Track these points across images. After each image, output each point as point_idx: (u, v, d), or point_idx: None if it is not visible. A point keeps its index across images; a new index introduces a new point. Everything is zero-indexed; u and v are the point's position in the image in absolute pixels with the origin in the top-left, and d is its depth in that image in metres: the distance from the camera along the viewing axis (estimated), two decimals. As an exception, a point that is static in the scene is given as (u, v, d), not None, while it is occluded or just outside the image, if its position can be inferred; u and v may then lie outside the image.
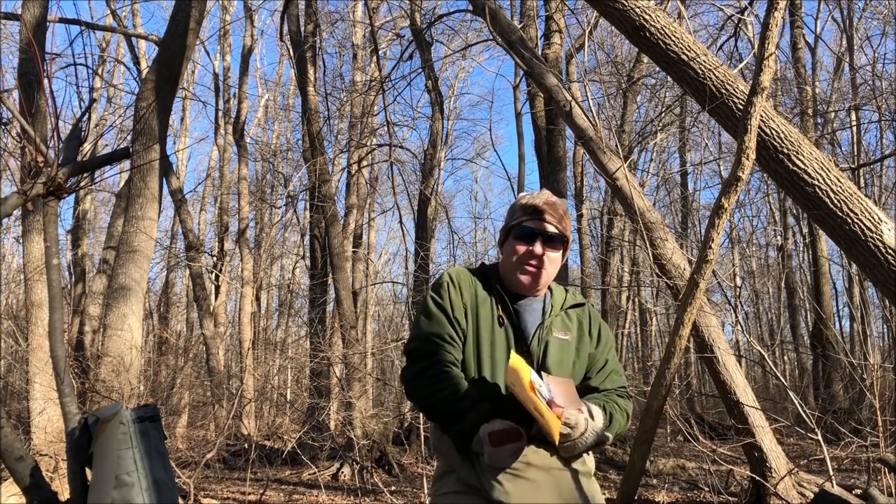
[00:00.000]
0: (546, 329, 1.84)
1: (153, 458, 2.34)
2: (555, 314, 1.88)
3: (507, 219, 1.97)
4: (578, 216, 16.25)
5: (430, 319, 1.83)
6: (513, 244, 1.89)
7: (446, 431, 1.73)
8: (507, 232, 1.94)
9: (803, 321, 19.94)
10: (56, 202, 2.69)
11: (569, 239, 1.94)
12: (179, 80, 8.21)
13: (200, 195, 21.31)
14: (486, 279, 1.90)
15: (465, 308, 1.84)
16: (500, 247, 1.99)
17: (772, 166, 4.45)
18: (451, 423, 1.70)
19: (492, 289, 1.88)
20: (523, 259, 1.86)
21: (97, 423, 2.38)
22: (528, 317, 1.86)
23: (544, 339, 1.84)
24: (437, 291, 1.87)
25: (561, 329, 1.87)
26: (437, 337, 1.80)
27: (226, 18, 19.53)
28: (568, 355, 1.86)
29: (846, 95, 16.23)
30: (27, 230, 6.95)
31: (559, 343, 1.85)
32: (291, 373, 17.76)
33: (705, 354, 6.62)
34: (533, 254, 1.85)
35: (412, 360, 1.81)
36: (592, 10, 7.41)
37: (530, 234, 1.86)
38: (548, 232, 1.86)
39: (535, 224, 1.87)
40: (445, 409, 1.71)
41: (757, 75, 3.39)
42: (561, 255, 1.90)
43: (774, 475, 6.20)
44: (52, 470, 5.44)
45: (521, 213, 1.90)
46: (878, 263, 4.08)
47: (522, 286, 1.87)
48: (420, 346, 1.81)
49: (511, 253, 1.89)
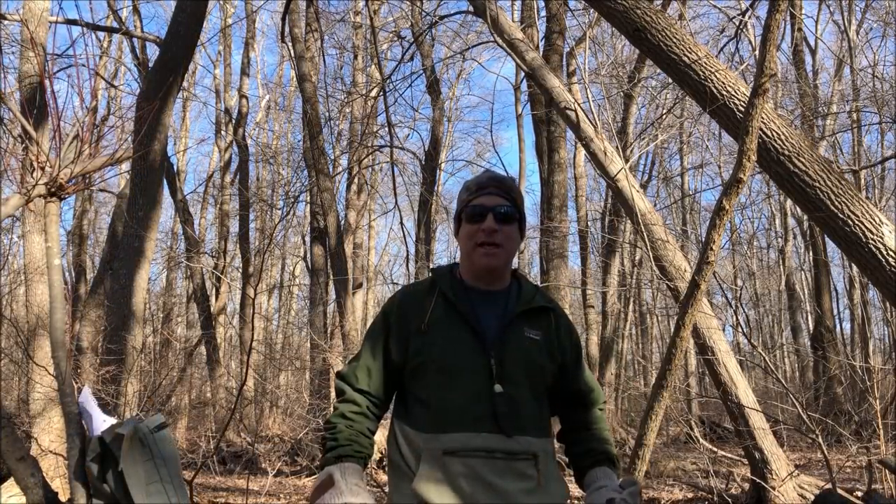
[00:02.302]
0: (516, 326, 1.72)
1: (170, 462, 2.55)
2: (522, 307, 1.75)
3: (456, 208, 1.85)
4: (578, 218, 16.26)
5: (356, 359, 1.80)
6: (465, 228, 1.77)
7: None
8: (458, 221, 1.82)
9: (804, 323, 19.95)
10: (57, 203, 2.69)
11: (523, 214, 1.83)
12: (180, 80, 8.22)
13: (201, 196, 21.32)
14: (433, 285, 1.79)
15: (408, 326, 1.73)
16: (458, 240, 1.86)
17: (773, 168, 4.45)
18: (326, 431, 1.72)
19: (440, 289, 1.76)
20: (477, 239, 1.73)
21: (115, 440, 2.52)
22: (488, 311, 1.74)
23: (510, 336, 1.71)
24: (372, 325, 1.82)
25: (529, 327, 1.74)
26: (351, 375, 1.76)
27: (226, 20, 19.55)
28: (537, 356, 1.72)
29: (847, 97, 16.23)
30: (28, 230, 6.95)
31: (529, 342, 1.72)
32: (292, 373, 17.75)
33: (706, 356, 6.62)
34: (487, 231, 1.72)
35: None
36: (593, 11, 7.42)
37: (481, 212, 1.74)
38: (499, 206, 1.75)
39: (484, 200, 1.76)
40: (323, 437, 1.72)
41: (758, 77, 3.40)
42: (517, 230, 1.79)
43: (775, 477, 6.20)
44: (52, 470, 5.44)
45: (467, 195, 1.80)
46: (879, 265, 4.09)
47: (483, 269, 1.75)
48: (338, 384, 1.79)
49: (465, 238, 1.77)
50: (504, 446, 1.63)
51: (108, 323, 7.33)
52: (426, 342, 1.70)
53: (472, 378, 1.66)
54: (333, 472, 1.59)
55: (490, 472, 1.61)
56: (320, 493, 1.56)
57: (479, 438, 1.62)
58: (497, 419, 1.63)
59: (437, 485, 1.60)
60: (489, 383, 1.65)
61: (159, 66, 8.03)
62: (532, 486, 1.64)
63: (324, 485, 1.58)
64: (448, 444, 1.62)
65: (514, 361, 1.69)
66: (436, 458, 1.62)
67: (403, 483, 1.67)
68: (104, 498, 2.54)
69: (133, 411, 6.98)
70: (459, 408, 1.64)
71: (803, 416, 6.38)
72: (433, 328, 1.71)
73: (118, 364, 6.96)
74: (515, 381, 1.68)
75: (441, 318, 1.72)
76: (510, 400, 1.66)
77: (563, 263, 11.51)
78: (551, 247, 11.25)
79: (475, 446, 1.61)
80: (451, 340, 1.69)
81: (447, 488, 1.60)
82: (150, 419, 2.64)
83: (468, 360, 1.67)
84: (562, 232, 11.35)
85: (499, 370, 1.66)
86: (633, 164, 14.76)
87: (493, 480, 1.60)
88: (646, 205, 7.29)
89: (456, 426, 1.62)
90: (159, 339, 14.66)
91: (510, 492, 1.61)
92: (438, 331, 1.70)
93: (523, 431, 1.65)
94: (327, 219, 10.87)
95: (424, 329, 1.71)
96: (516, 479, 1.62)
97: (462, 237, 1.79)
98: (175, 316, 18.95)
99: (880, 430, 6.14)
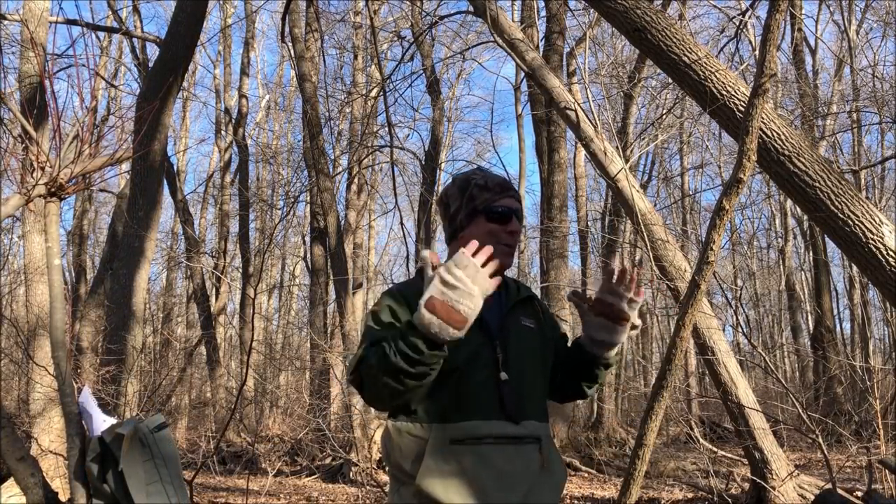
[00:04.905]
0: (513, 316, 1.78)
1: (170, 462, 2.57)
2: (514, 298, 1.82)
3: (464, 203, 1.81)
4: (578, 218, 16.25)
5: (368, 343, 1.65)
6: (487, 227, 1.78)
7: (404, 373, 1.51)
8: (471, 216, 1.80)
9: (804, 323, 19.95)
10: (57, 203, 2.69)
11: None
12: (180, 80, 8.22)
13: (201, 196, 21.33)
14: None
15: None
16: (452, 238, 1.85)
17: (773, 168, 4.45)
18: (399, 358, 1.49)
19: None
20: (502, 239, 1.77)
21: (115, 440, 2.52)
22: (486, 303, 1.69)
23: (511, 326, 1.76)
24: (374, 314, 1.72)
25: (525, 316, 1.81)
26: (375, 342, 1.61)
27: (226, 20, 19.55)
28: (535, 343, 1.79)
29: (847, 97, 16.24)
30: (28, 230, 6.95)
31: (527, 331, 1.79)
32: (292, 373, 17.76)
33: (706, 356, 6.62)
34: (513, 233, 1.78)
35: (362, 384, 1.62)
36: (593, 11, 7.42)
37: (507, 213, 1.78)
38: (518, 210, 1.82)
39: (508, 202, 1.80)
40: (391, 360, 1.50)
41: (758, 77, 3.40)
42: None
43: (775, 477, 6.20)
44: (52, 470, 5.44)
45: (487, 194, 1.80)
46: (879, 265, 4.09)
47: (502, 267, 1.78)
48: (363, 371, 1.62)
49: (486, 235, 1.75)
50: (511, 432, 1.66)
51: (108, 323, 7.33)
52: None
53: (478, 367, 1.69)
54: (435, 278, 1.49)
55: (499, 458, 1.63)
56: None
57: (487, 426, 1.64)
58: (504, 406, 1.67)
59: (444, 478, 1.60)
60: (495, 372, 1.69)
61: (159, 66, 8.03)
62: (537, 469, 1.68)
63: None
64: (455, 432, 1.63)
65: (517, 349, 1.74)
66: (443, 447, 1.62)
67: (403, 486, 1.67)
68: (104, 498, 2.54)
69: (133, 411, 6.98)
70: (466, 397, 1.66)
71: (803, 416, 6.38)
72: None
73: (118, 364, 6.96)
74: (519, 368, 1.73)
75: None
76: (515, 387, 1.70)
77: (563, 263, 11.52)
78: (551, 247, 11.25)
79: (483, 433, 1.64)
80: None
81: (454, 480, 1.60)
82: (150, 419, 2.64)
83: (474, 350, 1.69)
84: (562, 232, 11.36)
85: (504, 358, 1.71)
86: (633, 164, 14.76)
87: (503, 466, 1.63)
88: (646, 205, 7.29)
89: (463, 415, 1.64)
90: (159, 339, 14.66)
91: (518, 476, 1.64)
92: None
93: (528, 416, 1.70)
94: (327, 219, 10.86)
95: None
96: (523, 463, 1.66)
97: (482, 234, 1.77)
98: (175, 316, 18.97)
99: (880, 430, 6.14)
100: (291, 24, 11.64)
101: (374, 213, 21.61)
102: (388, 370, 1.53)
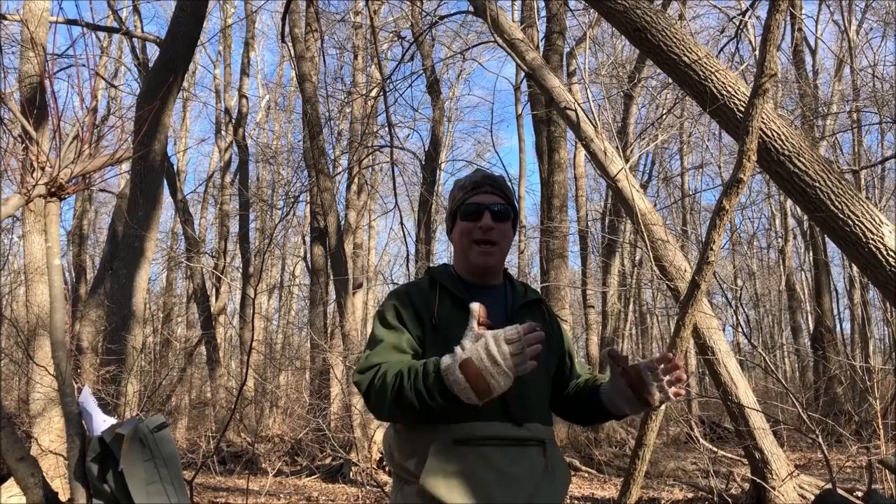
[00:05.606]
0: (518, 318, 1.72)
1: (170, 462, 2.57)
2: (520, 302, 1.81)
3: (449, 206, 1.87)
4: (578, 218, 16.26)
5: (376, 345, 1.67)
6: (460, 226, 1.79)
7: (413, 408, 1.51)
8: (452, 218, 1.84)
9: (804, 323, 19.95)
10: (57, 203, 2.69)
11: (517, 212, 1.87)
12: (180, 80, 8.22)
13: (201, 196, 21.33)
14: (433, 282, 1.80)
15: (420, 318, 1.72)
16: (450, 239, 1.89)
17: (773, 168, 4.45)
18: (413, 395, 1.49)
19: (442, 285, 1.77)
20: (474, 236, 1.76)
21: (115, 440, 2.52)
22: (491, 305, 1.69)
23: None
24: (380, 315, 1.73)
25: (531, 319, 1.76)
26: (375, 358, 1.63)
27: (226, 20, 19.55)
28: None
29: (847, 97, 16.24)
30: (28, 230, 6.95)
31: None
32: (292, 373, 17.75)
33: (706, 356, 6.62)
34: (483, 228, 1.75)
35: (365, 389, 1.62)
36: (593, 11, 7.42)
37: (476, 210, 1.77)
38: (494, 204, 1.78)
39: (480, 198, 1.79)
40: (405, 394, 1.51)
41: (758, 77, 3.40)
42: (511, 228, 1.83)
43: (775, 477, 6.20)
44: (52, 470, 5.44)
45: (462, 193, 1.82)
46: (879, 265, 4.09)
47: (480, 267, 1.78)
48: (360, 379, 1.63)
49: (461, 235, 1.79)
50: (515, 434, 1.66)
51: (108, 323, 7.32)
52: (438, 337, 1.71)
53: None
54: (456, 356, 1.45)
55: (502, 459, 1.63)
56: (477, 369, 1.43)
57: (491, 427, 1.64)
58: (508, 408, 1.66)
59: (447, 478, 1.60)
60: None
61: (159, 66, 8.02)
62: (540, 472, 1.67)
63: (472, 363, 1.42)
64: (458, 433, 1.62)
65: None
66: (446, 448, 1.62)
67: (406, 486, 1.67)
68: (104, 498, 2.54)
69: (133, 411, 6.98)
70: None
71: (803, 416, 6.38)
72: (443, 323, 1.72)
73: (118, 364, 6.96)
74: None
75: (450, 313, 1.74)
76: (520, 389, 1.67)
77: (564, 263, 11.51)
78: (551, 247, 11.25)
79: (487, 434, 1.63)
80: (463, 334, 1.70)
81: (457, 480, 1.60)
82: (150, 419, 2.64)
83: None
84: (562, 232, 11.35)
85: None
86: (633, 164, 14.75)
87: (506, 468, 1.62)
88: (646, 205, 7.29)
89: (467, 416, 1.63)
90: (159, 339, 14.67)
91: (522, 479, 1.63)
92: (449, 326, 1.71)
93: (532, 419, 1.69)
94: (327, 219, 10.86)
95: (434, 323, 1.72)
96: (527, 466, 1.66)
97: (457, 234, 1.81)
98: (175, 316, 18.96)
99: (880, 430, 6.14)
100: (291, 24, 11.64)
101: (374, 213, 21.61)
102: (399, 401, 1.53)
